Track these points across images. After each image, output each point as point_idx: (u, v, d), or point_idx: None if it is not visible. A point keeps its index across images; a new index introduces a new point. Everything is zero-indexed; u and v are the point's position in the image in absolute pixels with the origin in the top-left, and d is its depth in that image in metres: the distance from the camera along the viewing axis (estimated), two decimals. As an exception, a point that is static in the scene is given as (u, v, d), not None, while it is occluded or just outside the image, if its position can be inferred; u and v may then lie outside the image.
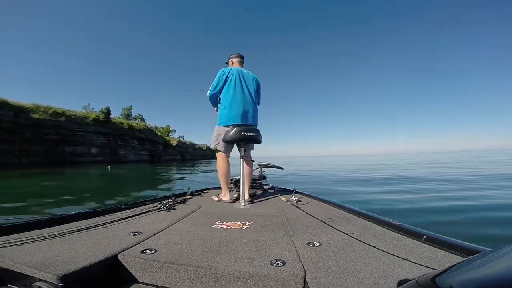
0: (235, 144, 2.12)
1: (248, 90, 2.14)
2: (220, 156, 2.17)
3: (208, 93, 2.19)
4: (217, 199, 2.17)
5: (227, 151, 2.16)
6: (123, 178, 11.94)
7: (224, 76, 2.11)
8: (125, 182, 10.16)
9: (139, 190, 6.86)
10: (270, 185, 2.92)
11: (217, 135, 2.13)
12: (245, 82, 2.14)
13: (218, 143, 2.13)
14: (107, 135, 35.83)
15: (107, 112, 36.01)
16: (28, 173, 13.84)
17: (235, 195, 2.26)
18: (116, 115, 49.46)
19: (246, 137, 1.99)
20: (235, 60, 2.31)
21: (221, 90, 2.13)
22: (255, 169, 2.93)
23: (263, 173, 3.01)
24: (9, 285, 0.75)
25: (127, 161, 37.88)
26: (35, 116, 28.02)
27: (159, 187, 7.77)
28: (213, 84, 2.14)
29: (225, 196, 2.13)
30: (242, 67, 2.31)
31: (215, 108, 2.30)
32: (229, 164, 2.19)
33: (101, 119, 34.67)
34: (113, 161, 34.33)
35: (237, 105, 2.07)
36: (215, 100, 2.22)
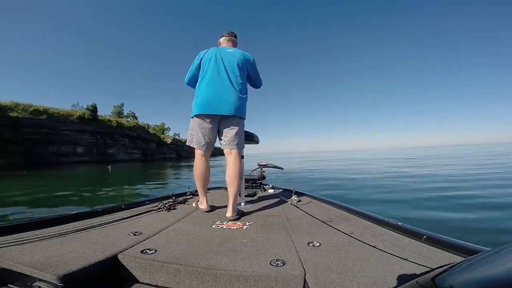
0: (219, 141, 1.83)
1: (226, 71, 1.68)
2: (195, 154, 1.76)
3: (185, 80, 1.88)
4: (195, 205, 1.88)
5: (204, 149, 1.74)
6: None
7: (199, 59, 1.76)
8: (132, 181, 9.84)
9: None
10: (270, 185, 2.90)
11: (190, 129, 1.76)
12: (222, 62, 1.70)
13: (192, 140, 1.75)
14: (94, 133, 34.33)
15: (93, 109, 34.19)
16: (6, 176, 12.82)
17: None
18: (108, 113, 47.87)
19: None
20: (222, 39, 1.92)
21: (197, 76, 1.78)
22: (255, 169, 2.98)
23: (263, 173, 2.96)
24: (9, 285, 0.75)
25: (116, 160, 36.37)
26: (13, 114, 26.44)
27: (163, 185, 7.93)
28: (189, 69, 1.83)
29: (202, 203, 1.79)
30: (232, 46, 1.91)
31: None
32: (206, 165, 1.78)
33: (86, 117, 32.97)
34: (101, 160, 32.93)
35: (207, 90, 1.67)
36: (193, 88, 1.84)
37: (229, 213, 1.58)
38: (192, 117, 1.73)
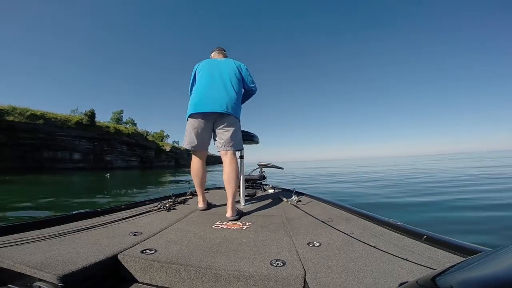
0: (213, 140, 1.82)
1: (218, 77, 1.76)
2: (192, 154, 1.84)
3: (189, 93, 1.93)
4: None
5: (195, 148, 1.76)
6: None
7: (194, 71, 1.87)
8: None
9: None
10: (270, 185, 2.89)
11: (185, 131, 1.80)
12: (215, 69, 1.80)
13: (185, 140, 1.79)
14: (91, 139, 33.78)
15: (91, 115, 33.64)
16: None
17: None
18: (107, 120, 47.51)
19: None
20: (212, 54, 2.05)
21: None
22: (254, 169, 3.06)
23: (263, 173, 2.96)
24: (9, 285, 0.75)
25: (113, 167, 35.67)
26: (9, 118, 26.01)
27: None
28: (189, 83, 1.92)
29: (199, 202, 1.85)
30: (223, 57, 2.01)
31: None
32: (201, 164, 1.83)
33: (84, 123, 32.51)
34: (98, 167, 32.22)
35: (199, 92, 1.72)
36: None
37: (228, 213, 1.59)
38: (187, 120, 1.75)
